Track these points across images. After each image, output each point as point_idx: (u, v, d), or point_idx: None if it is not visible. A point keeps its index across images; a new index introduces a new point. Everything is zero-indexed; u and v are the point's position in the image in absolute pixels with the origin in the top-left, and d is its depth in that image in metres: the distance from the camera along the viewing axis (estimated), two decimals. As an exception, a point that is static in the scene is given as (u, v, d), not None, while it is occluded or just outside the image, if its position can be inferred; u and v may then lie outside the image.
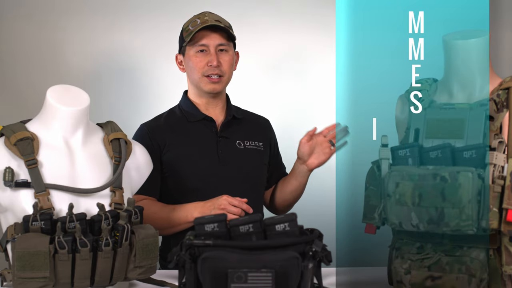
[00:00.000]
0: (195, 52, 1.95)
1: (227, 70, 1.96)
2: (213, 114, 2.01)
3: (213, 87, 1.95)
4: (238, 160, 1.95)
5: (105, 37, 2.84)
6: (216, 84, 1.95)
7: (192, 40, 1.95)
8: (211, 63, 1.92)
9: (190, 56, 1.96)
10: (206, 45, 1.94)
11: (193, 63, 1.95)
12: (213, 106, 2.01)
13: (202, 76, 1.95)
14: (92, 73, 2.83)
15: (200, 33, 1.94)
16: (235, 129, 1.97)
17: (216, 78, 1.94)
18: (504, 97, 1.46)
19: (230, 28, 1.98)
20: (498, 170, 1.37)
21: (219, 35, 1.95)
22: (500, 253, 1.39)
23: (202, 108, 2.01)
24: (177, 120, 2.02)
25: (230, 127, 1.99)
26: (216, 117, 2.01)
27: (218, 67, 1.93)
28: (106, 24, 2.84)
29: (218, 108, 2.02)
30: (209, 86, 1.95)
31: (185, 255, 1.25)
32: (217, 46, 1.94)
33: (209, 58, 1.93)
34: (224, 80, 1.97)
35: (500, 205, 1.34)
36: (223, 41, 1.95)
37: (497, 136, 1.40)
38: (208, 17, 1.95)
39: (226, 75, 1.97)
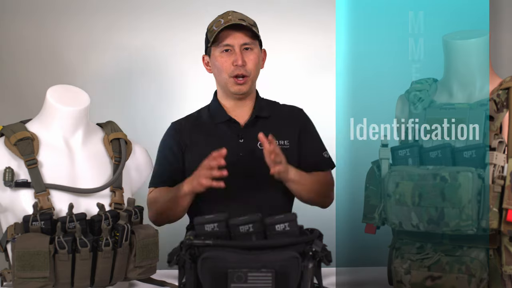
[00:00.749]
0: (220, 52, 1.95)
1: (252, 69, 1.95)
2: (239, 115, 2.00)
3: (239, 88, 1.95)
4: (258, 161, 1.93)
5: (105, 37, 2.84)
6: (242, 86, 1.95)
7: (216, 41, 1.95)
8: (236, 63, 1.92)
9: (216, 57, 1.96)
10: (231, 44, 1.93)
11: (219, 64, 1.95)
12: (240, 107, 2.00)
13: (228, 77, 1.94)
14: (92, 73, 2.83)
15: (224, 33, 1.93)
16: (258, 130, 1.93)
17: (241, 80, 1.94)
18: (504, 97, 1.46)
19: (254, 26, 1.97)
20: (498, 170, 1.37)
21: (243, 34, 1.93)
22: (500, 253, 1.39)
23: (228, 110, 2.00)
24: (203, 120, 2.02)
25: (253, 128, 1.97)
26: (242, 118, 2.00)
27: (244, 66, 1.92)
28: (106, 24, 2.84)
29: (245, 108, 2.01)
30: (236, 87, 1.95)
31: (185, 255, 1.25)
32: (241, 45, 1.93)
33: (234, 57, 1.92)
34: (250, 80, 1.96)
35: (500, 205, 1.34)
36: (247, 40, 1.94)
37: (497, 136, 1.41)
38: (231, 16, 1.95)
39: (252, 74, 1.95)
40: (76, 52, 2.83)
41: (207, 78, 2.90)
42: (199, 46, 2.95)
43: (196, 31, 2.84)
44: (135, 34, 2.84)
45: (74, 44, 2.83)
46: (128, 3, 2.85)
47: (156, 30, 2.84)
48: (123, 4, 2.85)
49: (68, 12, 2.82)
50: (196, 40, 2.84)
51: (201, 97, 2.93)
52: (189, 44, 2.85)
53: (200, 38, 2.92)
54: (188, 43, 2.85)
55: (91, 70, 2.83)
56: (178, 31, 2.84)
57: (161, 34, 2.84)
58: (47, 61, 2.81)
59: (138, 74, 2.85)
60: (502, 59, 2.78)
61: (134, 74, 2.85)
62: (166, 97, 2.87)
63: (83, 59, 2.83)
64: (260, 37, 2.00)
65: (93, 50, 2.84)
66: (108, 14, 2.84)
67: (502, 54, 2.74)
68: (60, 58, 2.81)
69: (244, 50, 1.94)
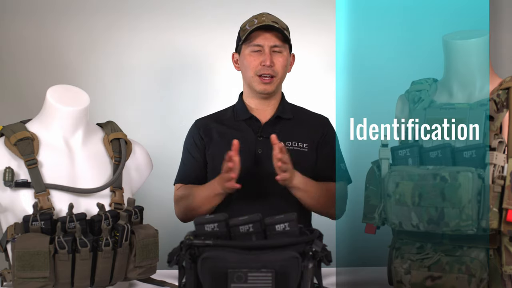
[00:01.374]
0: (250, 51, 1.97)
1: (280, 71, 1.98)
2: (262, 114, 2.03)
3: (264, 88, 1.97)
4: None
5: (105, 37, 2.84)
6: (268, 85, 1.97)
7: (248, 40, 1.97)
8: (264, 63, 1.95)
9: (245, 55, 1.99)
10: (261, 45, 1.96)
11: (248, 62, 1.97)
12: (265, 106, 2.03)
13: (255, 75, 1.97)
14: (92, 73, 2.83)
15: (256, 32, 1.96)
16: (278, 129, 1.95)
17: (268, 79, 1.96)
18: (504, 97, 1.46)
19: (286, 30, 2.00)
20: (498, 170, 1.37)
21: (274, 36, 1.97)
22: (500, 253, 1.39)
23: (252, 109, 2.04)
24: (226, 118, 2.06)
25: (273, 127, 1.99)
26: (264, 117, 2.02)
27: (271, 67, 1.95)
28: (106, 24, 2.84)
29: (268, 108, 2.04)
30: (261, 86, 1.97)
31: (185, 255, 1.25)
32: (271, 46, 1.96)
33: (263, 57, 1.95)
34: (276, 81, 1.98)
35: (500, 205, 1.34)
36: (277, 42, 1.97)
37: (497, 136, 1.40)
38: (265, 17, 1.98)
39: (279, 76, 1.98)
40: (76, 52, 2.83)
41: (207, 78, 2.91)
42: (199, 46, 2.95)
43: (196, 31, 2.85)
44: (135, 34, 2.84)
45: (74, 44, 2.83)
46: (128, 3, 2.85)
47: (156, 30, 2.84)
48: (123, 4, 2.85)
49: (68, 12, 2.82)
50: (196, 40, 2.85)
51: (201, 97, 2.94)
52: (189, 44, 2.86)
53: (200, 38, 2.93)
54: (188, 43, 2.85)
55: (91, 70, 2.83)
56: (178, 31, 2.84)
57: (161, 34, 2.84)
58: (47, 61, 2.81)
59: (138, 74, 2.85)
60: (502, 59, 2.78)
61: (134, 74, 2.85)
62: (166, 97, 2.87)
63: (83, 59, 2.83)
64: (291, 41, 2.02)
65: (93, 50, 2.84)
66: (108, 14, 2.84)
67: (502, 54, 2.74)
68: (60, 58, 2.81)
69: (274, 52, 1.97)
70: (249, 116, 2.01)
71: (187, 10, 2.85)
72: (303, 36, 2.86)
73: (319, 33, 2.89)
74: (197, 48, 2.85)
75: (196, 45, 2.85)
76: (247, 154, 1.93)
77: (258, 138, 1.98)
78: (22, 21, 2.80)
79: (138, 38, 2.84)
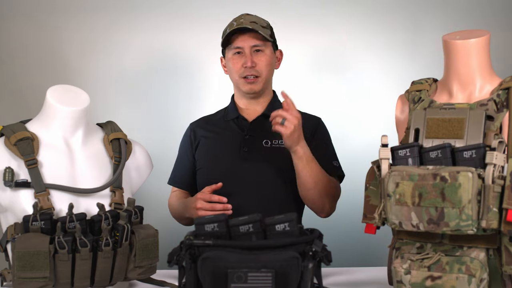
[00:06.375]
0: (232, 54, 2.01)
1: (263, 70, 2.00)
2: (251, 113, 2.06)
3: (250, 87, 2.00)
4: (261, 158, 1.96)
5: (105, 37, 2.84)
6: (253, 85, 2.00)
7: (229, 43, 2.01)
8: (245, 64, 1.97)
9: (229, 59, 2.02)
10: (241, 47, 1.99)
11: (231, 65, 2.01)
12: (254, 106, 2.07)
13: (239, 77, 2.00)
14: (92, 73, 2.84)
15: (235, 35, 1.99)
16: (266, 128, 1.95)
17: (252, 79, 1.99)
18: (504, 97, 1.46)
19: (266, 28, 2.01)
20: (498, 170, 1.37)
21: (253, 37, 1.98)
22: (500, 253, 1.39)
23: (241, 108, 2.08)
24: (217, 119, 2.12)
25: (261, 126, 2.01)
26: (252, 116, 2.06)
27: (253, 67, 1.98)
28: (106, 24, 2.84)
29: (258, 107, 2.07)
30: (247, 87, 2.01)
31: (185, 255, 1.25)
32: (252, 47, 1.98)
33: (244, 59, 1.98)
34: (261, 80, 2.01)
35: (500, 205, 1.33)
36: (257, 42, 1.98)
37: (497, 136, 1.40)
38: (244, 19, 2.00)
39: (263, 75, 2.00)
40: (76, 52, 2.83)
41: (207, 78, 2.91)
42: (198, 46, 2.95)
43: (196, 32, 2.85)
44: (135, 34, 2.85)
45: (74, 44, 2.83)
46: (128, 3, 2.85)
47: (156, 30, 2.84)
48: (123, 4, 2.85)
49: (68, 12, 2.82)
50: (195, 40, 2.85)
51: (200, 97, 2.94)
52: (189, 44, 2.86)
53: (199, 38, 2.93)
54: (188, 43, 2.86)
55: (91, 70, 2.83)
56: (178, 31, 2.84)
57: (161, 34, 2.84)
58: (47, 61, 2.81)
59: (138, 74, 2.86)
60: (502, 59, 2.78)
61: (134, 74, 2.85)
62: (166, 97, 2.88)
63: (83, 59, 2.84)
64: (274, 37, 2.03)
65: (93, 50, 2.84)
66: (108, 14, 2.84)
67: (502, 54, 2.74)
68: (60, 58, 2.82)
69: (255, 52, 1.99)
70: (237, 116, 2.05)
71: (187, 10, 2.86)
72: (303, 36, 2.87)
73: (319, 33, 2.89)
74: (197, 48, 2.85)
75: (196, 45, 2.85)
76: (232, 153, 1.98)
77: (244, 136, 2.01)
78: (22, 21, 2.80)
79: (137, 38, 2.85)
